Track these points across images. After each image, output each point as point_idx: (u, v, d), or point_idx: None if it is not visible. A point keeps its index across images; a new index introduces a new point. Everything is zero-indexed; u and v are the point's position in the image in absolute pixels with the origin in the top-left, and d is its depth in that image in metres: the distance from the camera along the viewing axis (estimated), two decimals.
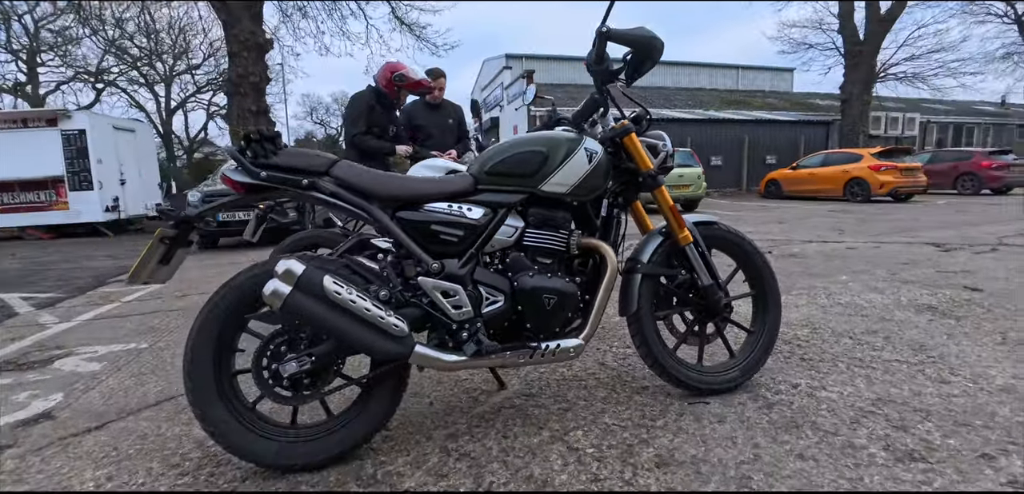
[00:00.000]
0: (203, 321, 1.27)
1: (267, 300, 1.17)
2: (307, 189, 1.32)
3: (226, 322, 1.29)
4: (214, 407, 1.28)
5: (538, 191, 1.49)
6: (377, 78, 3.28)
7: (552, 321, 1.44)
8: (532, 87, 2.11)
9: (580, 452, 1.41)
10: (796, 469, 1.30)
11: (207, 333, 1.28)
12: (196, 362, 1.27)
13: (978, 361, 1.96)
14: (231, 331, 1.32)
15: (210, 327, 1.28)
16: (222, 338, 1.30)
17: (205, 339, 1.28)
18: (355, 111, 3.27)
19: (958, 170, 13.08)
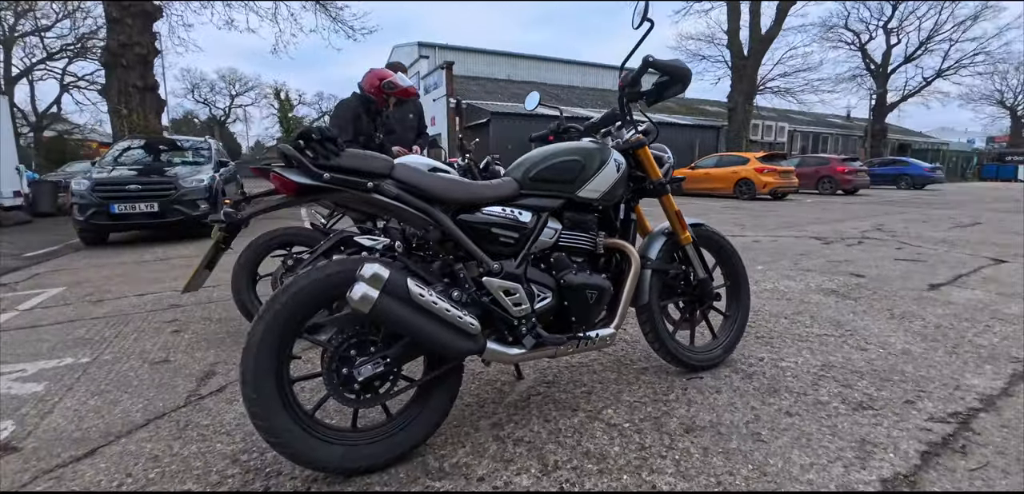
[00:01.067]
0: (265, 330, 1.24)
1: (355, 304, 1.18)
2: (371, 192, 1.33)
3: (286, 330, 1.27)
4: (279, 417, 1.26)
5: (574, 197, 1.64)
6: (363, 85, 3.18)
7: (592, 313, 1.60)
8: (536, 95, 2.24)
9: (618, 427, 1.60)
10: (788, 423, 1.61)
11: (269, 342, 1.25)
12: (259, 372, 1.24)
13: (880, 332, 2.49)
14: (290, 338, 1.30)
15: (272, 336, 1.25)
16: (283, 346, 1.28)
17: (268, 348, 1.25)
18: (342, 119, 3.15)
19: (819, 173, 15.48)
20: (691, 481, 1.33)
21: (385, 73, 3.16)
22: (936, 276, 3.75)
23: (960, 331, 2.50)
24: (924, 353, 2.22)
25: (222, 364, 2.20)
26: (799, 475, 1.36)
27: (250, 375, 1.23)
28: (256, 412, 1.24)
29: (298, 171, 1.27)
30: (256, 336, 1.24)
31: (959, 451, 1.47)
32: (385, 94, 3.14)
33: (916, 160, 20.25)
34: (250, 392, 1.23)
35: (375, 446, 1.35)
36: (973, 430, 1.59)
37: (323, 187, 1.28)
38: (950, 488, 1.30)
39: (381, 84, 3.11)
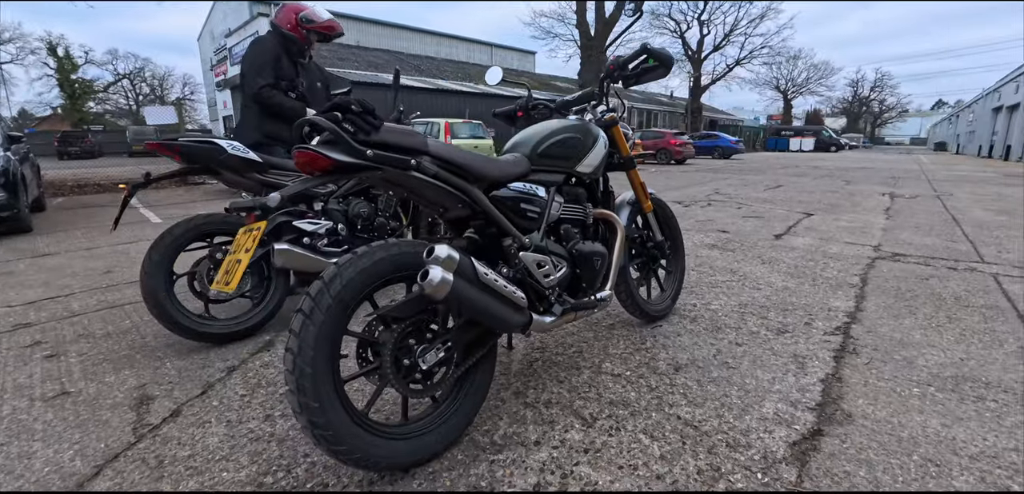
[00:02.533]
0: (320, 329, 1.12)
1: (432, 290, 1.14)
2: (412, 170, 1.26)
3: (339, 325, 1.17)
4: (343, 425, 1.15)
5: (573, 171, 1.75)
6: (279, 21, 2.74)
7: (597, 278, 1.75)
8: (498, 70, 2.26)
9: (622, 376, 1.80)
10: (742, 352, 1.99)
11: (325, 341, 1.13)
12: (318, 378, 1.11)
13: (762, 276, 3.13)
14: (341, 334, 1.19)
15: (327, 334, 1.13)
16: (336, 344, 1.17)
17: (324, 348, 1.13)
18: (260, 59, 2.67)
19: (657, 146, 17.84)
20: (702, 406, 1.59)
21: (300, 6, 2.79)
22: (775, 229, 4.75)
23: (811, 269, 3.27)
24: (797, 287, 2.87)
25: (155, 384, 1.84)
26: (767, 385, 1.72)
27: (309, 384, 1.10)
28: (318, 423, 1.11)
29: (338, 147, 1.15)
30: (307, 337, 1.11)
31: (852, 352, 2.00)
32: (305, 30, 2.78)
33: (724, 134, 24.58)
34: (310, 402, 1.10)
35: (432, 434, 1.33)
36: (853, 336, 2.15)
37: (365, 166, 1.18)
38: (857, 376, 1.77)
39: (298, 19, 2.75)
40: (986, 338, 2.14)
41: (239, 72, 2.80)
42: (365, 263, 1.19)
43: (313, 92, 3.36)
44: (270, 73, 2.67)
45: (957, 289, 2.82)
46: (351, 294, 1.16)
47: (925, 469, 1.31)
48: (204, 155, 2.21)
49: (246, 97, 2.74)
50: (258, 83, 2.65)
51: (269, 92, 2.66)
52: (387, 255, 1.22)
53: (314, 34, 2.85)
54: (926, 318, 2.37)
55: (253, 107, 2.71)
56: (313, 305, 1.11)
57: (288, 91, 2.79)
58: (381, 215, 2.65)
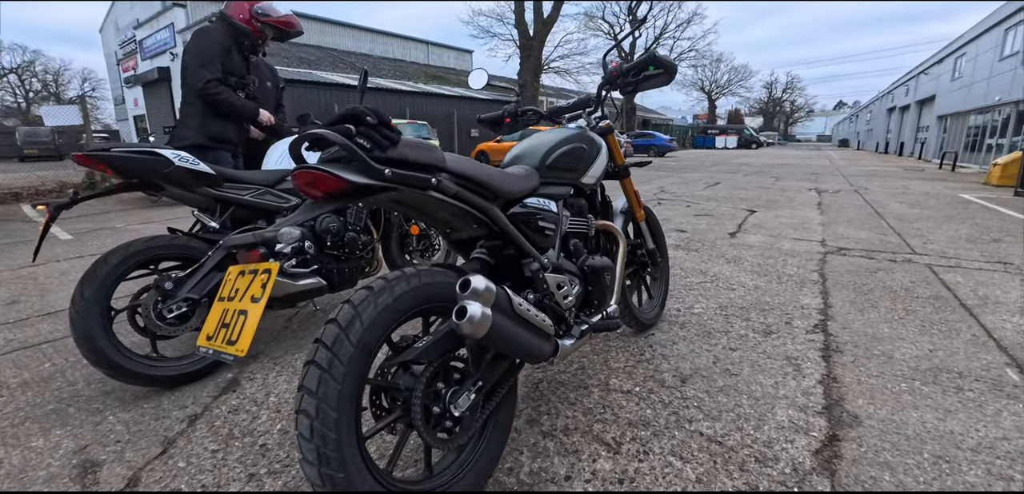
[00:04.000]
0: (342, 388, 0.95)
1: (472, 329, 1.00)
2: (434, 189, 1.12)
3: (360, 380, 1.00)
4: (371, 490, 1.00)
5: (579, 183, 1.67)
6: (230, 12, 2.42)
7: (608, 294, 1.69)
8: (484, 73, 2.14)
9: (633, 392, 1.74)
10: (739, 357, 2.01)
11: (347, 402, 0.96)
12: (343, 441, 0.95)
13: (732, 276, 3.23)
14: (363, 389, 1.02)
15: (349, 395, 0.96)
16: (358, 402, 1.01)
17: (347, 411, 0.96)
18: (207, 51, 2.33)
19: None
20: (720, 419, 1.57)
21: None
22: (727, 227, 4.96)
23: (773, 267, 3.42)
24: (767, 286, 2.98)
25: (99, 446, 1.55)
26: (773, 391, 1.73)
27: (333, 452, 0.92)
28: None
29: (352, 167, 0.99)
30: (329, 396, 0.93)
31: (837, 350, 2.08)
32: (260, 23, 2.50)
33: (658, 133, 25.73)
34: (335, 473, 0.93)
35: (462, 482, 1.19)
36: (832, 333, 2.24)
37: (383, 187, 1.03)
38: (849, 375, 1.84)
39: (253, 11, 2.46)
40: (944, 328, 2.31)
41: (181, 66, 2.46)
42: (386, 300, 1.03)
43: (264, 92, 3.05)
44: (218, 67, 2.37)
45: (903, 280, 3.05)
46: (373, 338, 1.00)
47: (938, 466, 1.36)
48: (145, 168, 1.91)
49: (188, 92, 2.41)
50: (203, 76, 2.34)
51: (216, 88, 2.36)
52: (409, 288, 1.07)
53: (270, 29, 2.57)
54: (888, 311, 2.53)
55: (196, 104, 2.39)
56: (331, 357, 0.94)
57: (237, 89, 2.49)
58: (351, 229, 2.43)
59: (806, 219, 5.34)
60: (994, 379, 1.83)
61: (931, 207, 6.30)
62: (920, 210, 6.03)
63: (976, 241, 4.25)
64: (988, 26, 17.01)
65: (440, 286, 1.12)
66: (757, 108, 70.11)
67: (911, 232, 4.62)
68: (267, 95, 3.09)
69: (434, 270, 1.15)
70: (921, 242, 4.18)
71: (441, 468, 1.21)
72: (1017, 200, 7.16)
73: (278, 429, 1.58)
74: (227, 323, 1.42)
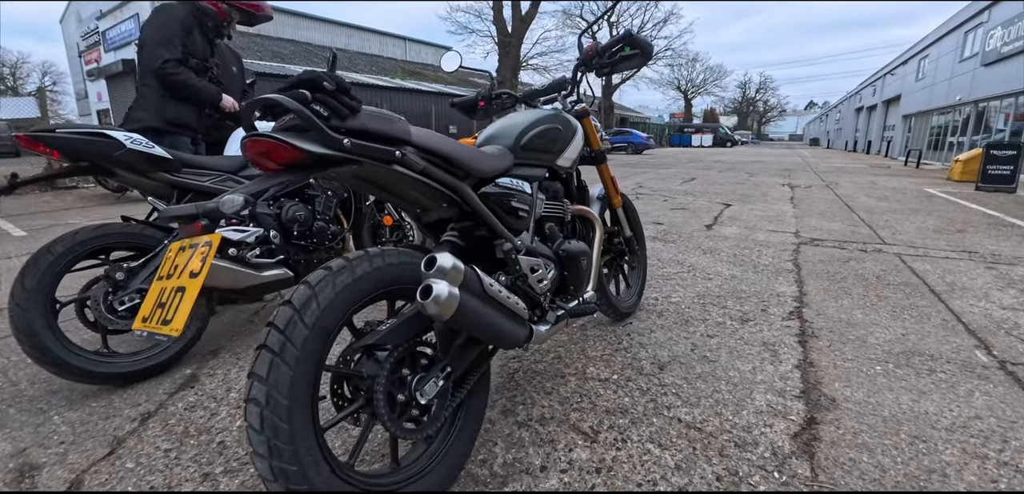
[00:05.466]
0: (295, 374, 0.87)
1: (438, 310, 0.94)
2: (396, 163, 1.04)
3: (316, 366, 0.92)
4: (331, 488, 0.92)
5: (554, 165, 1.62)
6: None
7: (585, 279, 1.64)
8: (456, 55, 2.07)
9: (610, 380, 1.70)
10: (717, 344, 1.99)
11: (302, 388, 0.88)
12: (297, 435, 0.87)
13: (709, 266, 3.23)
14: (319, 376, 0.95)
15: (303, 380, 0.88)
16: (314, 389, 0.93)
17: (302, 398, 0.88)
18: (167, 29, 2.19)
19: None
20: (698, 405, 1.54)
21: None
22: (703, 219, 4.99)
23: (749, 257, 3.44)
24: (743, 275, 2.99)
25: (40, 447, 1.43)
26: (751, 376, 1.72)
27: (285, 443, 0.84)
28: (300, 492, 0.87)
29: (309, 136, 0.91)
30: (280, 382, 0.85)
31: (812, 336, 2.08)
32: (223, 3, 2.36)
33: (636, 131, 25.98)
34: (288, 466, 0.85)
35: (432, 475, 1.12)
36: (807, 320, 2.25)
37: (341, 159, 0.95)
38: (825, 359, 1.84)
39: None
40: (914, 314, 2.34)
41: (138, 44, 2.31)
42: (345, 280, 0.96)
43: (229, 78, 2.91)
44: (178, 46, 2.24)
45: (874, 269, 3.10)
46: (331, 321, 0.93)
47: (915, 447, 1.35)
48: (94, 151, 1.78)
49: (145, 73, 2.27)
50: (161, 56, 2.20)
51: (175, 68, 2.22)
52: (372, 268, 1.00)
53: (236, 12, 2.44)
54: (860, 298, 2.56)
55: (153, 85, 2.25)
56: (284, 340, 0.87)
57: (198, 72, 2.36)
58: (320, 218, 2.33)
59: (780, 212, 5.42)
60: (964, 361, 1.86)
61: (898, 201, 6.48)
62: (888, 203, 6.19)
63: (942, 232, 4.37)
64: (949, 29, 17.68)
65: (406, 267, 1.05)
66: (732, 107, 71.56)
67: (880, 224, 4.73)
68: (232, 81, 2.95)
69: (400, 251, 1.08)
70: (890, 233, 4.28)
71: (409, 461, 1.14)
72: (978, 194, 7.44)
73: (238, 426, 1.48)
74: (164, 302, 1.33)
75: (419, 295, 0.94)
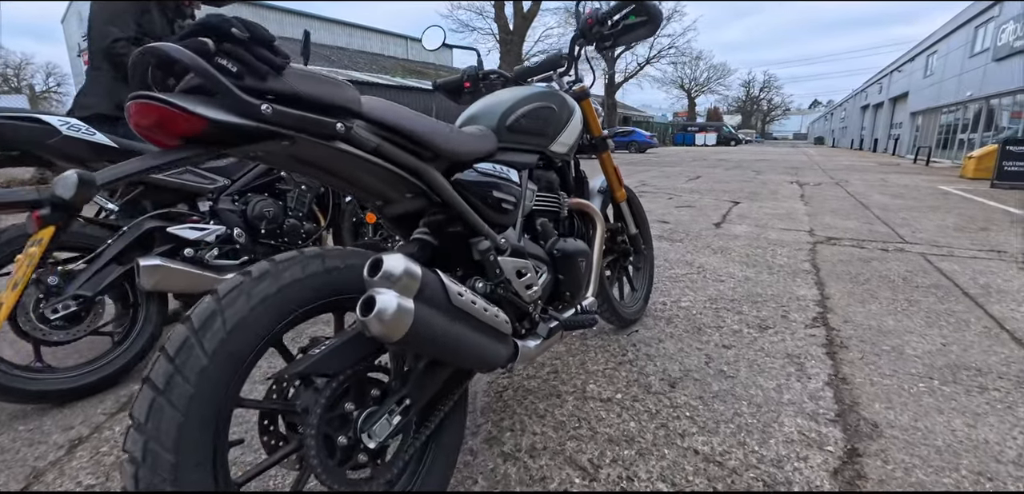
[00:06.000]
0: (186, 418, 0.65)
1: (382, 329, 0.71)
2: (338, 139, 0.80)
3: (220, 404, 0.69)
4: None
5: (547, 150, 1.39)
6: None
7: (583, 283, 1.41)
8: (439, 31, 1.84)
9: (614, 400, 1.47)
10: (734, 356, 1.76)
11: (196, 435, 0.66)
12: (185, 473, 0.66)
13: (720, 266, 2.99)
14: (228, 415, 0.72)
15: (198, 425, 0.66)
16: (218, 436, 0.70)
17: (198, 449, 0.66)
18: (119, 6, 1.97)
19: None
20: (717, 432, 1.31)
21: None
22: (711, 217, 4.75)
23: (762, 257, 3.20)
24: (757, 277, 2.75)
25: None
26: (776, 395, 1.49)
27: None
28: None
29: (213, 101, 0.68)
30: (164, 431, 0.63)
31: (841, 346, 1.84)
32: None
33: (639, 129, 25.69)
34: None
35: None
36: (833, 327, 2.02)
37: (261, 131, 0.72)
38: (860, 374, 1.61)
39: None
40: (951, 320, 2.10)
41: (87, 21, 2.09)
42: (266, 290, 0.74)
43: None
44: (131, 24, 2.01)
45: (899, 270, 2.86)
46: (244, 343, 0.70)
47: (978, 484, 1.12)
48: (23, 137, 1.56)
49: (95, 55, 2.05)
50: (111, 33, 1.98)
51: (125, 47, 1.99)
52: (305, 274, 0.78)
53: None
54: (889, 302, 2.32)
55: (103, 68, 2.03)
56: (172, 372, 0.65)
57: None
58: (292, 215, 2.11)
59: (791, 210, 5.18)
60: (1017, 376, 1.62)
61: (913, 198, 6.22)
62: (903, 201, 5.93)
63: (964, 230, 4.12)
64: (958, 24, 17.35)
65: (353, 271, 0.82)
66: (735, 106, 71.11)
67: (898, 222, 4.48)
68: None
69: (347, 251, 0.86)
70: (910, 231, 4.03)
71: None
72: (994, 191, 7.16)
73: None
74: None
75: (359, 310, 0.71)
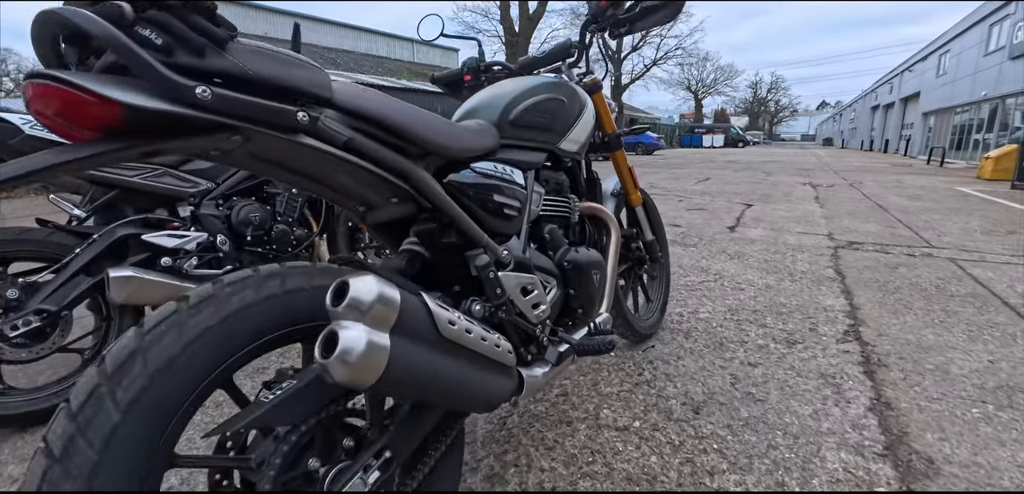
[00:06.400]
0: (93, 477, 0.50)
1: (346, 374, 0.55)
2: (300, 132, 0.65)
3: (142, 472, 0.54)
4: None
5: (556, 148, 1.24)
6: None
7: (597, 298, 1.26)
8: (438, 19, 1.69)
9: (631, 429, 1.32)
10: (762, 375, 1.59)
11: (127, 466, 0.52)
12: None
13: (738, 273, 2.82)
14: (156, 485, 0.57)
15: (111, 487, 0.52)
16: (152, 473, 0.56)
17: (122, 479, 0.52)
18: None
19: None
20: (751, 470, 1.15)
21: None
22: (725, 221, 4.57)
23: (782, 263, 3.03)
24: (778, 284, 2.58)
25: None
26: (813, 423, 1.32)
27: None
28: None
29: (136, 84, 0.53)
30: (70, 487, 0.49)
31: (880, 364, 1.67)
32: None
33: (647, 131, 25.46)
34: None
35: None
36: (867, 342, 1.84)
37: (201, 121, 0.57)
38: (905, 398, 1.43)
39: None
40: (996, 334, 1.92)
41: None
42: (206, 321, 0.59)
43: None
44: None
45: (930, 277, 2.68)
46: (175, 391, 0.55)
47: None
48: None
49: None
50: None
51: None
52: (255, 299, 0.62)
53: None
54: (924, 313, 2.14)
55: None
56: (73, 431, 0.50)
57: None
58: (282, 220, 1.97)
59: (807, 212, 4.99)
60: None
61: (932, 200, 6.01)
62: (921, 203, 5.72)
63: (991, 233, 3.92)
64: (972, 22, 17.02)
65: (321, 293, 0.67)
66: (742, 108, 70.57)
67: (920, 224, 4.28)
68: None
69: (316, 267, 0.70)
70: (934, 235, 3.83)
71: None
72: (1016, 193, 6.92)
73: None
74: None
75: (319, 350, 0.56)
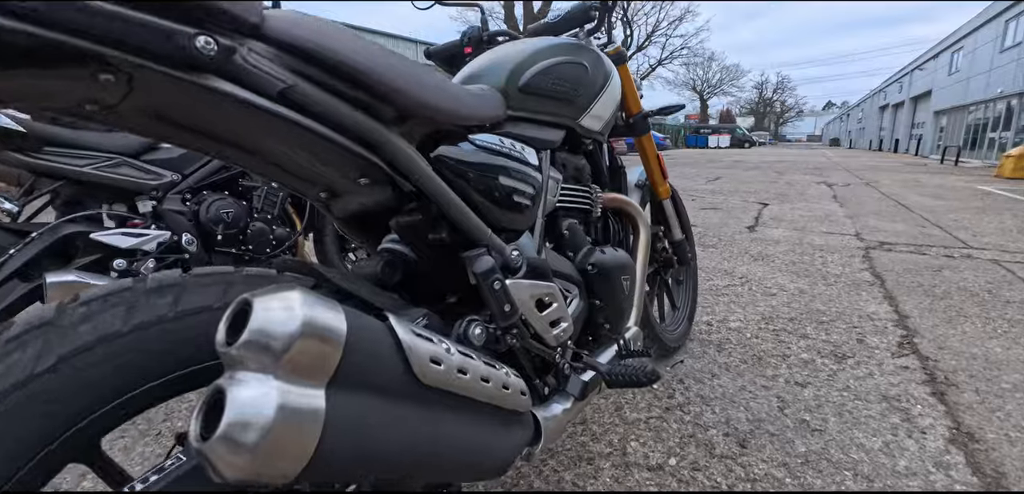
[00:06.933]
0: None
1: (246, 463, 0.33)
2: (211, 69, 0.41)
3: None
4: None
5: (577, 125, 1.00)
6: None
7: (627, 310, 1.03)
8: None
9: (665, 467, 1.08)
10: (814, 398, 1.36)
11: None
12: None
13: (766, 277, 2.58)
14: None
15: None
16: None
17: None
18: None
19: None
20: None
21: None
22: (743, 221, 4.33)
23: (811, 265, 2.79)
24: (812, 288, 2.34)
25: None
26: (887, 461, 1.09)
27: None
28: None
29: None
30: None
31: (949, 384, 1.43)
32: None
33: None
34: None
35: None
36: (927, 356, 1.60)
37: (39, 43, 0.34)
38: (990, 429, 1.20)
39: None
40: None
41: None
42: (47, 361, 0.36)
43: None
44: None
45: (979, 281, 2.43)
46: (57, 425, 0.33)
47: None
48: None
49: None
50: None
51: None
52: (123, 328, 0.40)
53: None
54: (983, 322, 1.90)
55: None
56: None
57: None
58: (259, 218, 1.75)
59: (828, 212, 4.73)
60: None
61: (956, 199, 5.74)
62: (946, 202, 5.45)
63: None
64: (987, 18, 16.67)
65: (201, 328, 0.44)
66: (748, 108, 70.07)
67: (950, 224, 4.02)
68: None
69: (237, 275, 0.48)
70: (969, 235, 3.58)
71: None
72: None
73: None
74: None
75: (193, 426, 0.33)
